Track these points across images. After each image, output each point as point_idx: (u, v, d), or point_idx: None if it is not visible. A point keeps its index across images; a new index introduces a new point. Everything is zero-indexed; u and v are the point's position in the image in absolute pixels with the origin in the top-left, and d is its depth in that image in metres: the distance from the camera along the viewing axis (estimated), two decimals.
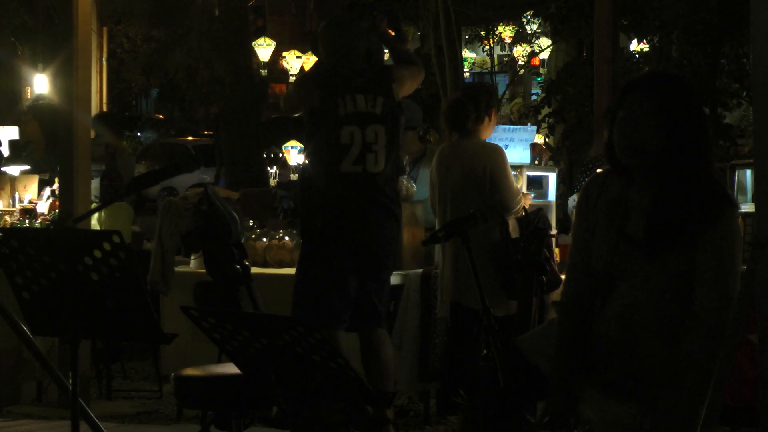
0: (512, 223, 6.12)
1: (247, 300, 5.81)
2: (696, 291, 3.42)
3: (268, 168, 21.25)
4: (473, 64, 25.34)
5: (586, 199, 3.57)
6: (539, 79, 21.57)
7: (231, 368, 4.30)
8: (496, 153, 6.29)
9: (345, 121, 5.91)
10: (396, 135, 5.99)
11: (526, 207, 6.17)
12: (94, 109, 14.20)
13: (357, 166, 5.87)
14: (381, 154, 5.90)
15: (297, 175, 16.12)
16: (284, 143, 23.70)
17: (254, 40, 24.92)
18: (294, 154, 22.36)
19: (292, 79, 26.53)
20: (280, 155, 22.74)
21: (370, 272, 5.88)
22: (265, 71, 26.98)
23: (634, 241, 3.45)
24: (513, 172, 6.43)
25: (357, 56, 6.01)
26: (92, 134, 9.33)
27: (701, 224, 3.40)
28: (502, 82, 24.04)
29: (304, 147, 6.31)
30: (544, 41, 19.78)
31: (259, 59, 26.26)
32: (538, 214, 5.86)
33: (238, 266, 5.79)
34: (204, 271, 6.06)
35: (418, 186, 7.13)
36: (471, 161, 6.24)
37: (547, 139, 16.88)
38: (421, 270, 6.70)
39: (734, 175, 6.17)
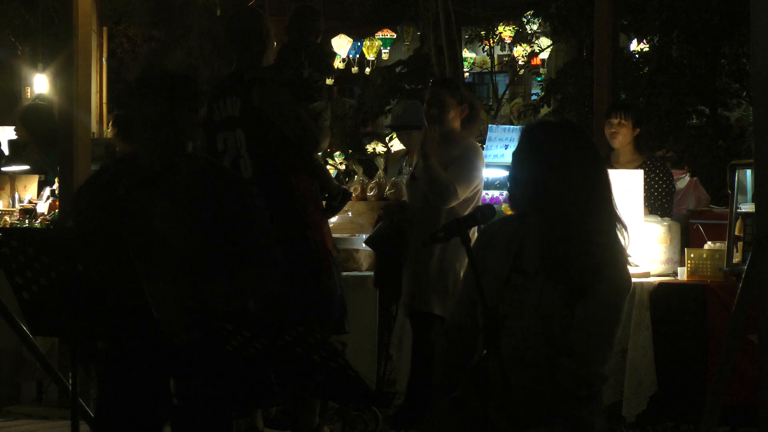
0: None
1: None
2: (578, 320, 3.61)
3: None
4: (473, 64, 25.32)
5: (481, 243, 3.85)
6: (539, 79, 21.56)
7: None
8: None
9: (219, 127, 5.87)
10: (261, 140, 5.86)
11: None
12: (94, 109, 14.18)
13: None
14: (247, 160, 5.81)
15: None
16: None
17: None
18: None
19: None
20: None
21: None
22: None
23: (528, 275, 3.70)
24: None
25: (252, 50, 5.99)
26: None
27: (595, 268, 3.62)
28: (502, 82, 24.03)
29: None
30: (544, 41, 19.77)
31: None
32: None
33: None
34: None
35: None
36: None
37: None
38: None
39: (734, 175, 6.16)
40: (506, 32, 20.69)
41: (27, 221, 7.72)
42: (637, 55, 16.90)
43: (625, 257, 3.73)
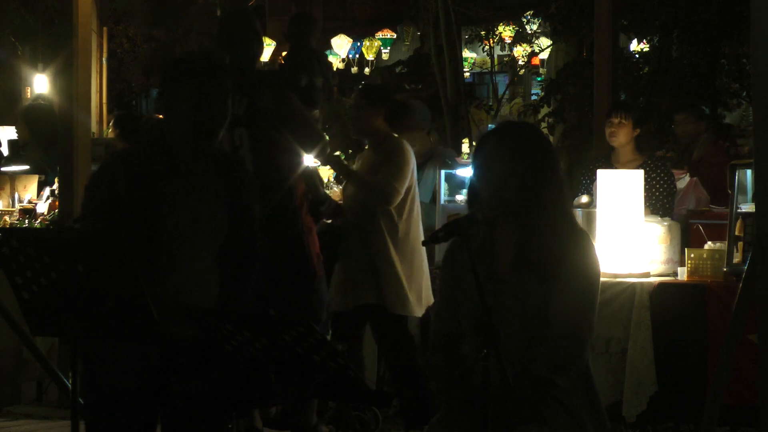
0: None
1: None
2: (551, 308, 3.65)
3: None
4: (473, 64, 25.32)
5: (451, 257, 3.86)
6: (539, 79, 21.55)
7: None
8: None
9: None
10: (264, 139, 5.86)
11: None
12: (94, 109, 14.17)
13: None
14: (247, 159, 5.77)
15: None
16: None
17: None
18: None
19: None
20: None
21: None
22: None
23: (503, 280, 3.72)
24: None
25: (248, 50, 6.01)
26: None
27: (561, 254, 3.68)
28: (502, 82, 24.04)
29: None
30: (544, 41, 19.77)
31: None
32: None
33: None
34: None
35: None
36: None
37: None
38: None
39: (734, 175, 6.16)
40: (506, 32, 20.70)
41: (27, 221, 7.73)
42: (637, 55, 16.90)
43: (590, 241, 3.77)
